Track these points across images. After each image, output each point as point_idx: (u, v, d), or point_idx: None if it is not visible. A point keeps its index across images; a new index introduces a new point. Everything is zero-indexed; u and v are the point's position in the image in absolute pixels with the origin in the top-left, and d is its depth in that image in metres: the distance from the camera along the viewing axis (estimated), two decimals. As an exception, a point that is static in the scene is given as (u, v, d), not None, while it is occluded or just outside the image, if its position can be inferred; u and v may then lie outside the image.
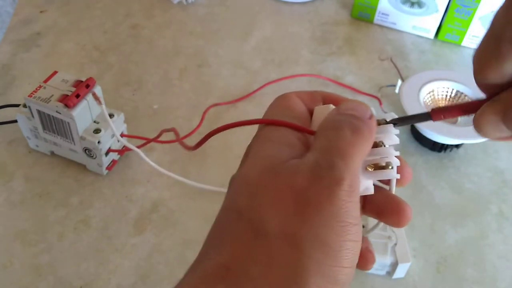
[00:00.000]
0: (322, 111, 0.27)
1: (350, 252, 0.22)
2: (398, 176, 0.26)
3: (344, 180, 0.22)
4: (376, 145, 0.26)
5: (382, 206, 0.27)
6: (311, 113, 0.28)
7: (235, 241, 0.22)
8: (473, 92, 0.56)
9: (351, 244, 0.22)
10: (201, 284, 0.21)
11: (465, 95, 0.57)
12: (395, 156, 0.26)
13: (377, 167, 0.26)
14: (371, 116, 0.25)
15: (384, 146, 0.26)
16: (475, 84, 0.27)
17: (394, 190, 0.27)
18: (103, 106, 0.43)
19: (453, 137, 0.52)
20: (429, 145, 0.56)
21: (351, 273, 0.23)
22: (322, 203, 0.22)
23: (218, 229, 0.23)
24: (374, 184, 0.27)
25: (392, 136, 0.27)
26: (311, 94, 0.29)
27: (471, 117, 0.27)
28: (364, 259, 0.27)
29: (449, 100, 0.58)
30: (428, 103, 0.57)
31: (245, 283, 0.21)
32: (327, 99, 0.29)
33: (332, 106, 0.27)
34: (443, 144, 0.54)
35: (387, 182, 0.28)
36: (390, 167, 0.26)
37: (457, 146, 0.56)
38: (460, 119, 0.56)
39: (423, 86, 0.57)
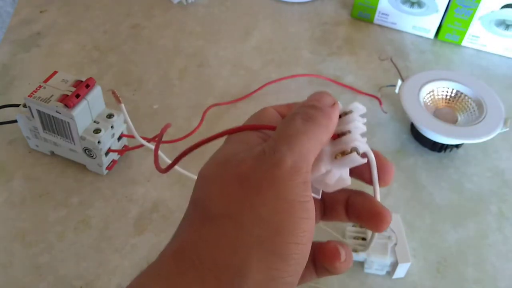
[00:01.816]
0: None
1: (296, 228, 0.23)
2: (364, 160, 0.26)
3: (285, 162, 0.24)
4: (344, 134, 0.27)
5: (361, 210, 0.28)
6: None
7: (189, 227, 0.25)
8: (473, 92, 0.56)
9: (295, 220, 0.23)
10: (159, 266, 0.24)
11: (465, 95, 0.57)
12: (365, 144, 0.27)
13: (344, 154, 0.26)
14: (333, 105, 0.27)
15: (350, 133, 0.27)
16: (475, 84, 0.26)
17: (377, 182, 0.28)
18: (123, 105, 0.43)
19: (453, 137, 0.52)
20: (429, 145, 0.56)
21: (303, 249, 0.24)
22: (263, 184, 0.23)
23: (182, 219, 0.26)
24: (358, 190, 0.28)
25: (358, 125, 0.27)
26: (288, 106, 0.30)
27: (471, 118, 0.27)
28: (331, 254, 0.28)
29: (449, 100, 0.58)
30: (428, 103, 0.57)
31: (195, 261, 0.23)
32: None
33: None
34: (443, 144, 0.54)
35: (371, 180, 0.28)
36: (355, 152, 0.26)
37: (457, 146, 0.56)
38: (460, 118, 0.56)
39: (423, 86, 0.57)
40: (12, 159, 0.53)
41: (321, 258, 0.28)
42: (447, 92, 0.58)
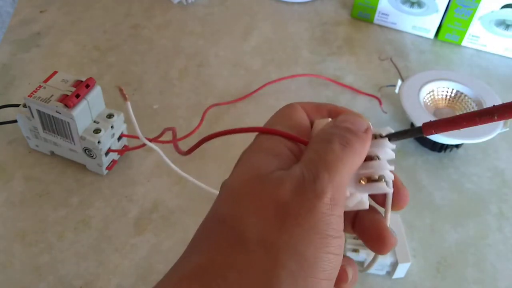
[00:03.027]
0: (321, 124, 0.27)
1: (328, 265, 0.22)
2: (391, 190, 0.26)
3: (326, 194, 0.23)
4: (371, 158, 0.26)
5: (368, 228, 0.27)
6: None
7: (216, 245, 0.23)
8: (473, 92, 0.56)
9: (329, 256, 0.22)
10: (178, 283, 0.22)
11: (465, 95, 0.57)
12: (390, 172, 0.27)
13: (370, 180, 0.26)
14: (367, 130, 0.26)
15: (379, 159, 0.26)
16: (475, 84, 0.26)
17: (390, 209, 0.27)
18: (129, 104, 0.43)
19: (453, 137, 0.52)
20: (429, 145, 0.56)
21: (329, 285, 0.23)
22: (302, 215, 0.22)
23: (202, 233, 0.24)
24: (370, 205, 0.27)
25: (388, 151, 0.27)
26: (317, 106, 0.29)
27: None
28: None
29: (449, 100, 0.58)
30: (428, 103, 0.57)
31: (220, 285, 0.21)
32: (333, 112, 0.29)
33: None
34: (443, 144, 0.54)
35: (383, 203, 0.28)
36: (382, 181, 0.26)
37: (457, 146, 0.56)
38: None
39: (423, 86, 0.57)
40: (12, 159, 0.53)
41: None
42: (447, 92, 0.58)
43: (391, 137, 0.26)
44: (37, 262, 0.45)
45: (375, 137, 0.27)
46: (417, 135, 0.26)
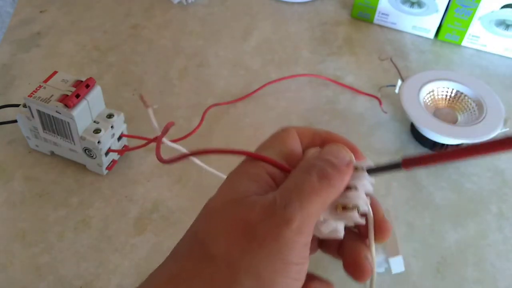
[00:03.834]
0: (312, 155, 0.28)
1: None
2: (362, 221, 0.27)
3: (294, 221, 0.24)
4: (349, 188, 0.27)
5: (347, 255, 0.28)
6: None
7: (187, 256, 0.25)
8: (473, 92, 0.56)
9: (287, 281, 0.24)
10: None
11: (465, 95, 0.57)
12: (371, 203, 0.28)
13: (344, 208, 0.26)
14: (348, 164, 0.27)
15: (357, 190, 0.27)
16: (475, 84, 0.26)
17: (372, 238, 0.28)
18: (150, 110, 0.42)
19: (453, 137, 0.52)
20: (429, 145, 0.56)
21: None
22: (268, 238, 0.24)
23: (179, 244, 0.27)
24: (354, 233, 0.28)
25: (366, 183, 0.27)
26: (313, 134, 0.30)
27: (471, 118, 0.27)
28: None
29: (449, 100, 0.58)
30: (428, 103, 0.57)
31: None
32: (327, 141, 0.29)
33: None
34: (443, 144, 0.54)
35: (365, 235, 0.28)
36: (355, 210, 0.26)
37: (457, 146, 0.56)
38: (460, 118, 0.56)
39: (423, 86, 0.57)
40: (12, 159, 0.53)
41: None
42: (447, 92, 0.58)
43: (371, 171, 0.27)
44: (37, 262, 0.45)
45: (356, 168, 0.27)
46: (396, 170, 0.26)
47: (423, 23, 0.71)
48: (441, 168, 0.55)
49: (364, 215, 0.27)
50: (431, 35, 0.72)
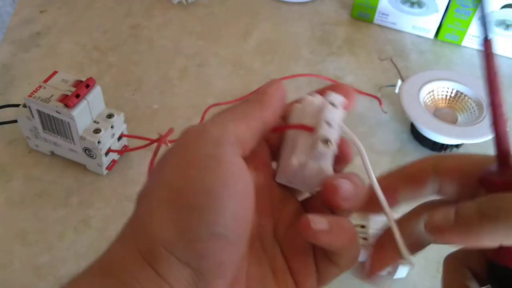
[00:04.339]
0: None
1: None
2: (333, 148, 0.26)
3: (209, 132, 0.25)
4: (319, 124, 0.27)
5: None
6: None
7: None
8: (473, 92, 0.56)
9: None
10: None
11: (465, 95, 0.57)
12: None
13: (315, 145, 0.26)
14: (274, 86, 0.28)
15: (326, 124, 0.27)
16: (475, 84, 0.26)
17: (368, 166, 0.28)
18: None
19: (453, 137, 0.52)
20: (429, 145, 0.56)
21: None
22: (174, 146, 0.25)
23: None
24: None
25: (327, 114, 0.28)
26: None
27: (471, 118, 0.27)
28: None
29: (449, 100, 0.58)
30: (428, 103, 0.57)
31: (125, 234, 0.24)
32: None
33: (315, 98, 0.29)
34: (443, 144, 0.54)
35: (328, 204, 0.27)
36: (319, 141, 0.26)
37: (457, 146, 0.56)
38: (460, 118, 0.56)
39: (423, 86, 0.57)
40: (12, 159, 0.53)
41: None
42: (447, 92, 0.58)
43: None
44: (37, 262, 0.45)
45: (333, 105, 0.28)
46: None
47: (423, 23, 0.71)
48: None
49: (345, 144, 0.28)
50: (431, 35, 0.72)
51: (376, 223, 0.46)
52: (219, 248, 0.22)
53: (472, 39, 0.70)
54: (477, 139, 0.52)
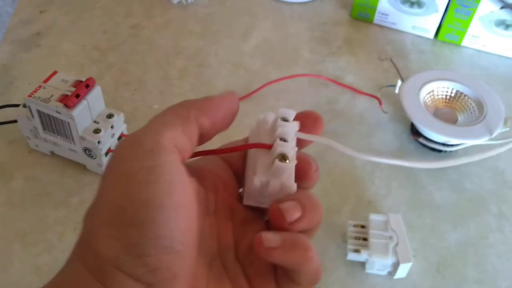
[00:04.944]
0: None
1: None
2: (287, 165, 0.26)
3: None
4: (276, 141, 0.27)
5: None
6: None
7: None
8: (473, 92, 0.56)
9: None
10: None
11: (465, 95, 0.57)
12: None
13: (274, 162, 0.26)
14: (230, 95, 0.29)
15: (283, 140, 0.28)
16: (475, 84, 0.26)
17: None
18: None
19: (453, 137, 0.52)
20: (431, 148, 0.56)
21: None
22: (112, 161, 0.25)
23: None
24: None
25: (282, 130, 0.28)
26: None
27: (471, 118, 0.26)
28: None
29: (449, 100, 0.58)
30: (428, 103, 0.57)
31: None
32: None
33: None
34: (443, 144, 0.54)
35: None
36: (276, 160, 0.26)
37: (457, 145, 0.56)
38: (460, 118, 0.56)
39: (423, 86, 0.57)
40: (12, 159, 0.53)
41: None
42: (447, 92, 0.58)
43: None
44: (37, 262, 0.45)
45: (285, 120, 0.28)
46: None
47: (423, 23, 0.71)
48: (441, 168, 0.55)
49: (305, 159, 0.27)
50: (431, 35, 0.72)
51: (376, 223, 0.46)
52: (168, 260, 0.22)
53: (472, 39, 0.70)
54: (477, 139, 0.52)
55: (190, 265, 0.24)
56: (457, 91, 0.57)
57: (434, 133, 0.52)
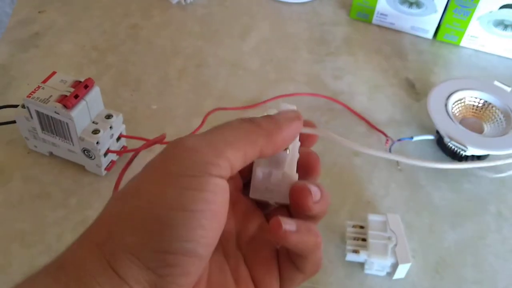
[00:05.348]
0: None
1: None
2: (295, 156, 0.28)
3: (181, 141, 0.26)
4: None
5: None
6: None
7: None
8: (500, 103, 0.55)
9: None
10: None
11: (493, 106, 0.56)
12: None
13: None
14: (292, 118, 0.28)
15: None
16: (503, 95, 0.26)
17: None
18: None
19: (480, 148, 0.51)
20: (450, 153, 0.55)
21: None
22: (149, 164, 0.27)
23: None
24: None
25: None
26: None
27: (498, 129, 0.26)
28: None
29: (476, 109, 0.57)
30: (455, 112, 0.56)
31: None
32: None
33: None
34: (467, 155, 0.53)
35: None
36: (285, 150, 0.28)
37: (479, 157, 0.54)
38: (487, 129, 0.56)
39: (451, 94, 0.56)
40: (11, 160, 0.53)
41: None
42: (474, 101, 0.57)
43: None
44: (36, 263, 0.45)
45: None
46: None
47: (422, 24, 0.71)
48: (440, 168, 0.55)
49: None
50: (430, 35, 0.72)
51: (375, 224, 0.46)
52: (186, 261, 0.23)
53: (470, 39, 0.70)
54: (503, 151, 0.51)
55: (204, 266, 0.25)
56: (485, 101, 0.56)
57: (470, 147, 0.51)
